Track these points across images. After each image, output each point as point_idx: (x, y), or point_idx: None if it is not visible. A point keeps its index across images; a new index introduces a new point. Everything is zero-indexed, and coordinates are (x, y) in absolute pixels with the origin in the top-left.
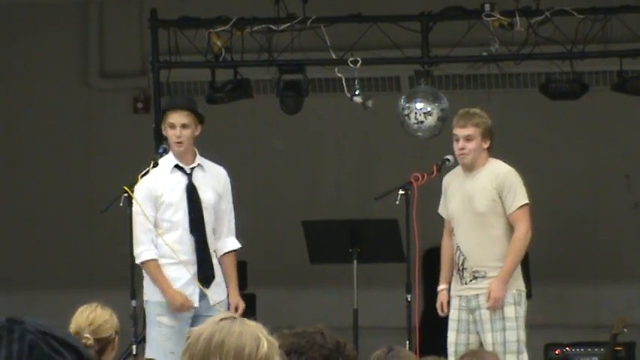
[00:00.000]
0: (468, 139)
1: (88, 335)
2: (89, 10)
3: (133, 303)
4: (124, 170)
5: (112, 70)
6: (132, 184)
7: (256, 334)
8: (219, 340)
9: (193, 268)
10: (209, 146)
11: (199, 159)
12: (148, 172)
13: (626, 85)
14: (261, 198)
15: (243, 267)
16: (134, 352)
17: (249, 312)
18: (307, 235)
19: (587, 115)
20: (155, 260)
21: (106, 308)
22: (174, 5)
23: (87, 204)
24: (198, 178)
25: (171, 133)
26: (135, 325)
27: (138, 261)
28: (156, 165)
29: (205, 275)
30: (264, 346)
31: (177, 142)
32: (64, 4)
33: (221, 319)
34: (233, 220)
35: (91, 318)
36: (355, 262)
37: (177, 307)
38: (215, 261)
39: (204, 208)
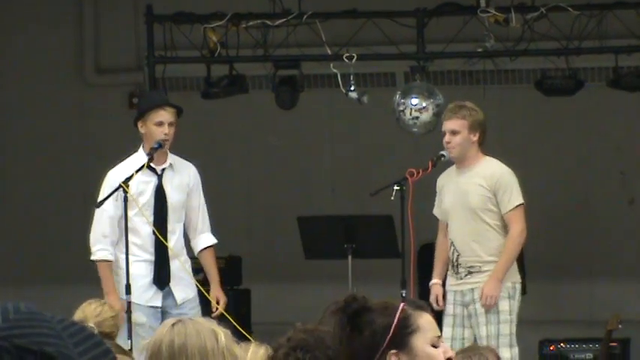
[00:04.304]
0: (453, 132)
1: (92, 325)
2: (84, 6)
3: (128, 299)
4: (118, 163)
5: (107, 66)
6: (128, 181)
7: (211, 328)
8: (181, 344)
9: (153, 268)
10: (204, 141)
11: (171, 159)
12: (142, 167)
13: (622, 81)
14: (256, 193)
15: (238, 262)
16: (129, 347)
17: (244, 307)
18: (302, 231)
19: (582, 111)
20: (109, 262)
21: (114, 309)
22: (169, 0)
23: (82, 199)
24: (167, 179)
25: (159, 131)
26: (128, 320)
27: (92, 258)
28: (151, 161)
29: (160, 277)
30: (223, 338)
31: (165, 140)
32: None
33: (173, 325)
34: (207, 216)
35: (98, 310)
36: (350, 257)
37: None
38: (182, 259)
39: (171, 210)
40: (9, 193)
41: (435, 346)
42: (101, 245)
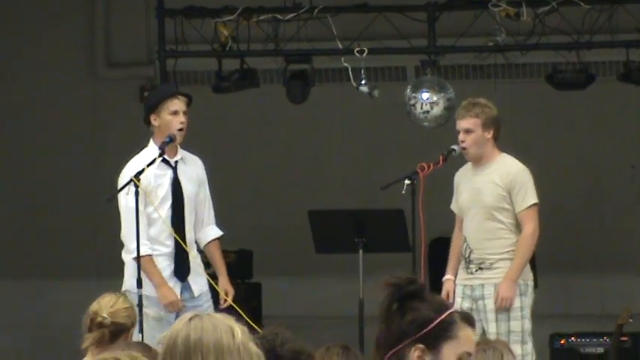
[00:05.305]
0: (467, 131)
1: (105, 315)
2: (96, 0)
3: (139, 292)
4: (130, 159)
5: (118, 60)
6: (139, 175)
7: (228, 324)
8: (197, 339)
9: (174, 261)
10: (215, 135)
11: (181, 151)
12: (154, 161)
13: (633, 75)
14: (267, 187)
15: (248, 256)
16: (141, 341)
17: (255, 300)
18: (313, 225)
19: (593, 105)
20: (151, 256)
21: (129, 301)
22: None
23: (93, 193)
24: (181, 172)
25: (175, 120)
26: (140, 314)
27: (132, 256)
28: (162, 155)
29: (181, 269)
30: (239, 334)
31: (180, 130)
32: None
33: (190, 319)
34: (212, 209)
35: (111, 302)
36: (361, 252)
37: (167, 303)
38: (194, 253)
39: (187, 202)
40: (20, 186)
41: None
42: (140, 242)
